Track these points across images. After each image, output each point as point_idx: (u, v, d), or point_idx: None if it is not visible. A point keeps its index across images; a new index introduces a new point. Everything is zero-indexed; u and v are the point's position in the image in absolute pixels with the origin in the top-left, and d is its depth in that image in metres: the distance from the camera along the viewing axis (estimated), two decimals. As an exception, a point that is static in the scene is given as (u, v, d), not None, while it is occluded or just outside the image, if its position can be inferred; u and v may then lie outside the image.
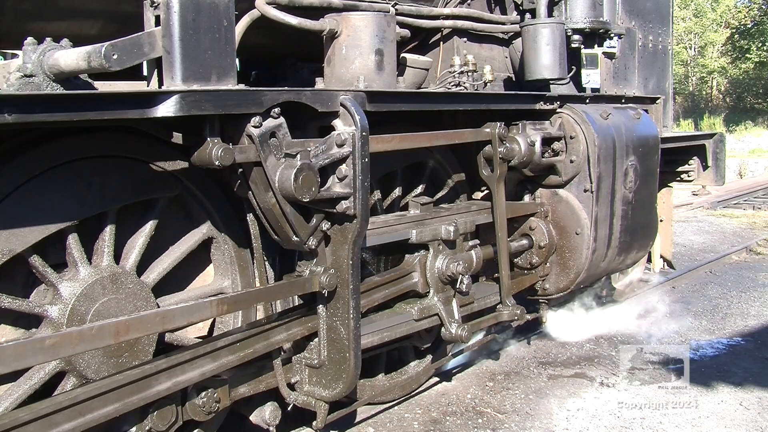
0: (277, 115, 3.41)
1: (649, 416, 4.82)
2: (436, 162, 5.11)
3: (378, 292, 4.30)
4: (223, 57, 3.18)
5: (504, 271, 5.03)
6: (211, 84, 3.14)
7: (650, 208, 5.92)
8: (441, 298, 4.60)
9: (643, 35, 6.43)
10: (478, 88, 5.01)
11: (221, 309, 3.07)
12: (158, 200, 3.55)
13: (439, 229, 4.58)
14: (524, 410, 4.92)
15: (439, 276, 4.59)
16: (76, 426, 2.81)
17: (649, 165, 5.76)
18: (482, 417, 4.80)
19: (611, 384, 5.36)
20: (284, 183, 3.32)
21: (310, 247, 3.49)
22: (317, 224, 3.55)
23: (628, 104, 5.86)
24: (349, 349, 3.69)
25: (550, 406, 4.98)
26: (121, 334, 2.74)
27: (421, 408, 4.94)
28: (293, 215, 3.41)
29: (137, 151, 3.45)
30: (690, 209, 14.34)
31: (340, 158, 3.52)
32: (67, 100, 2.65)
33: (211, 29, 3.13)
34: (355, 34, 4.15)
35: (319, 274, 3.55)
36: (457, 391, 5.24)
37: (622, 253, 5.65)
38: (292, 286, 3.52)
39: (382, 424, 4.70)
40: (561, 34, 5.25)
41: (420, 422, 4.72)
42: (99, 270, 3.26)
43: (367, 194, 3.58)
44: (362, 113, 3.56)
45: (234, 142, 3.39)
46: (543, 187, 5.40)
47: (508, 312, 5.09)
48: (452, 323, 4.62)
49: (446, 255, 4.60)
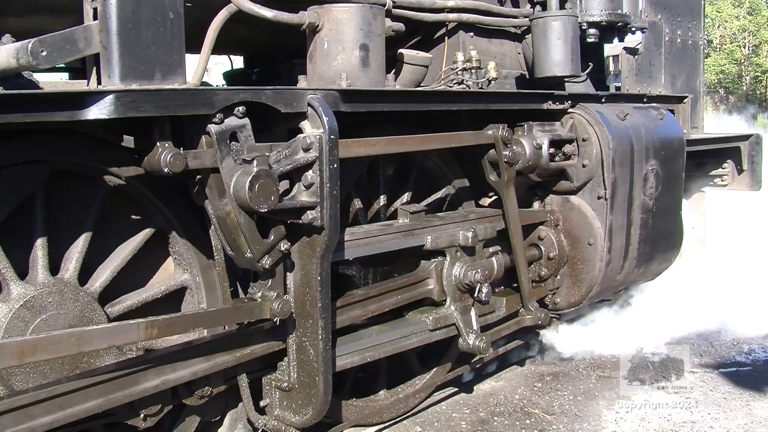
0: (241, 114, 3.11)
1: (700, 420, 4.71)
2: (436, 167, 4.75)
3: (389, 297, 4.05)
4: (168, 53, 2.89)
5: (523, 276, 4.73)
6: (155, 83, 2.85)
7: (674, 216, 5.47)
8: (458, 307, 4.34)
9: (670, 29, 5.97)
10: (482, 85, 4.64)
11: (150, 333, 2.77)
12: (93, 205, 3.26)
13: (456, 234, 4.30)
14: (572, 411, 4.86)
15: (456, 284, 4.31)
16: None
17: (672, 169, 5.32)
18: (530, 418, 4.76)
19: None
20: (239, 191, 3.01)
21: (264, 266, 3.16)
22: (275, 242, 3.21)
23: (650, 104, 5.42)
24: (318, 373, 3.37)
25: (599, 408, 4.91)
26: (26, 354, 2.49)
27: (469, 408, 4.91)
28: (248, 228, 3.09)
29: (86, 156, 3.17)
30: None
31: (305, 164, 3.20)
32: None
33: (154, 23, 2.84)
34: (337, 27, 3.83)
35: (270, 300, 3.21)
36: (506, 391, 5.21)
37: (642, 264, 5.22)
38: (238, 312, 3.19)
39: (430, 423, 4.68)
40: (574, 28, 4.85)
41: (468, 422, 4.69)
42: (34, 286, 2.99)
43: (336, 203, 3.25)
44: (331, 114, 3.24)
45: (193, 146, 3.11)
46: (554, 194, 5.01)
47: (531, 317, 4.83)
48: (470, 334, 4.35)
49: (464, 262, 4.32)
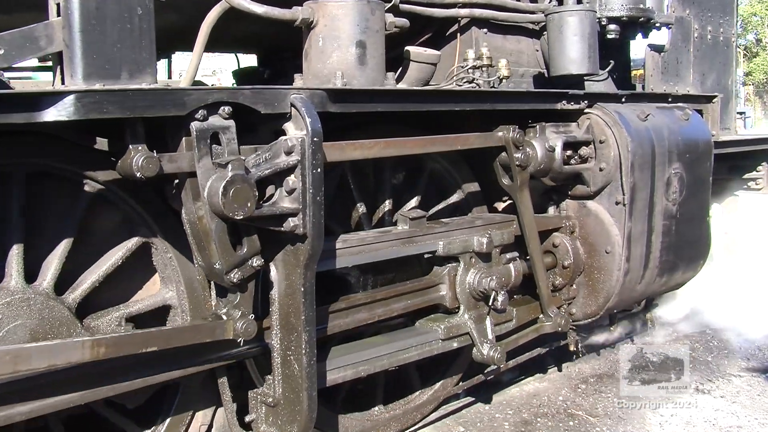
0: (226, 115, 2.94)
1: (746, 425, 4.65)
2: (444, 170, 4.53)
3: (397, 301, 3.89)
4: (137, 51, 2.73)
5: (542, 282, 4.51)
6: (121, 82, 2.69)
7: (700, 222, 5.17)
8: (473, 315, 4.15)
9: (699, 25, 5.64)
10: (493, 84, 4.41)
11: (96, 352, 2.60)
12: (76, 213, 3.12)
13: (470, 240, 4.11)
14: (616, 414, 4.82)
15: (470, 291, 4.12)
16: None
17: (698, 173, 5.02)
18: (573, 419, 4.74)
19: (707, 390, 5.20)
20: (212, 197, 2.84)
21: (232, 281, 2.96)
22: (247, 255, 3.01)
23: (676, 103, 5.12)
24: (302, 389, 3.18)
25: (643, 411, 4.86)
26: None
27: (512, 408, 4.91)
28: (219, 236, 2.90)
29: (61, 160, 3.02)
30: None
31: (286, 168, 3.00)
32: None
33: (120, 19, 2.67)
34: (332, 23, 3.63)
35: (234, 319, 3.00)
36: (549, 392, 5.19)
37: (665, 273, 4.93)
38: (197, 332, 2.98)
39: (473, 423, 4.67)
40: (592, 24, 4.59)
41: (511, 423, 4.69)
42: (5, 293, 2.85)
43: (320, 210, 3.05)
44: (315, 115, 3.04)
45: (174, 148, 2.96)
46: (570, 198, 4.75)
47: (551, 323, 4.60)
48: (484, 344, 4.16)
49: (479, 269, 4.13)
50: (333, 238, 3.57)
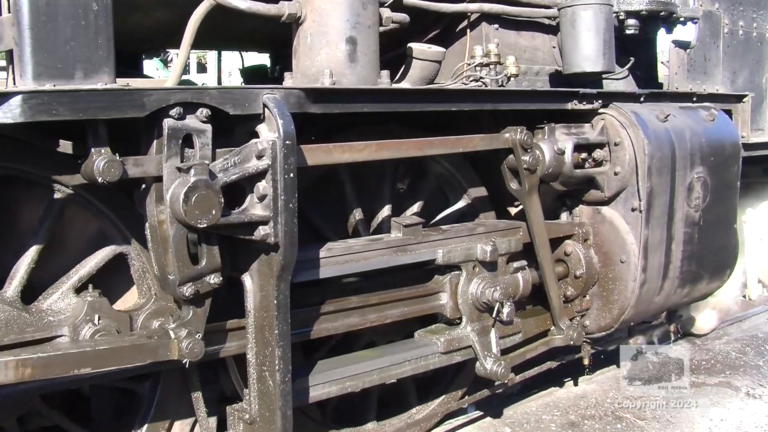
0: (205, 118, 2.77)
1: None
2: (448, 174, 4.30)
3: (392, 308, 3.69)
4: (92, 49, 2.56)
5: (553, 292, 4.28)
6: (75, 82, 2.53)
7: (726, 229, 4.84)
8: (476, 327, 3.93)
9: (730, 20, 5.30)
10: (501, 82, 4.17)
11: (21, 373, 2.43)
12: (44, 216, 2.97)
13: (473, 248, 3.89)
14: (665, 417, 4.74)
15: (473, 302, 3.90)
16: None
17: (724, 177, 4.70)
18: (621, 422, 4.67)
19: (758, 395, 5.10)
20: (174, 204, 2.66)
21: (184, 295, 2.77)
22: (204, 270, 2.79)
23: (701, 103, 4.81)
24: (276, 407, 3.00)
25: (692, 415, 4.79)
26: None
27: (559, 410, 4.86)
28: (177, 244, 2.70)
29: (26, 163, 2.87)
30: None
31: (255, 173, 2.82)
32: None
33: (73, 15, 2.51)
34: (320, 19, 3.44)
35: (180, 338, 2.78)
36: (597, 394, 5.12)
37: (687, 284, 4.63)
38: (137, 351, 2.76)
39: (519, 424, 4.63)
40: (607, 18, 4.31)
41: (557, 424, 4.64)
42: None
43: (293, 218, 2.85)
44: (288, 117, 2.84)
45: (145, 151, 2.80)
46: (584, 204, 4.48)
47: (563, 336, 4.36)
48: (488, 358, 3.93)
49: (482, 278, 3.91)
50: (317, 246, 3.37)
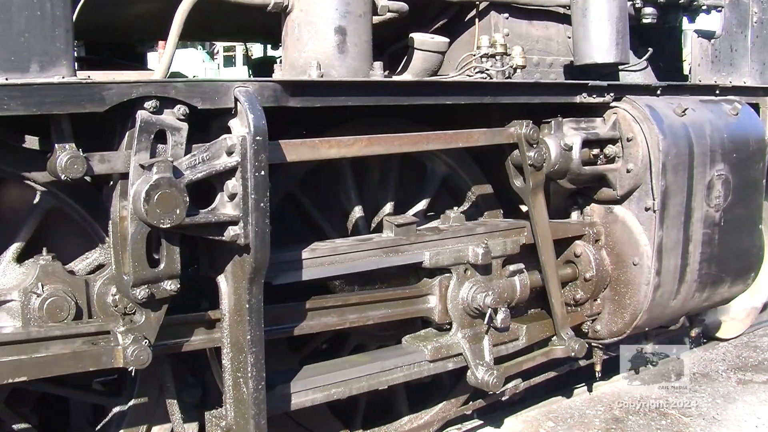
0: (182, 116, 2.64)
1: None
2: (450, 170, 4.10)
3: (374, 309, 3.48)
4: (49, 41, 2.43)
5: (555, 299, 4.04)
6: (30, 76, 2.40)
7: (750, 230, 4.57)
8: (467, 334, 3.72)
9: (760, 8, 4.99)
10: (507, 74, 3.96)
11: None
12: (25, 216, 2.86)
13: (464, 250, 3.68)
14: (710, 414, 4.70)
15: (464, 308, 3.69)
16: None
17: (748, 175, 4.43)
18: (666, 419, 4.62)
19: None
20: (135, 202, 2.52)
21: (136, 298, 2.61)
22: (161, 275, 2.63)
23: (725, 96, 4.54)
24: (249, 416, 2.85)
25: (739, 413, 4.72)
26: None
27: (603, 405, 4.83)
28: (135, 243, 2.54)
29: None
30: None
31: (224, 170, 2.66)
32: None
33: (28, 5, 2.39)
34: (308, 8, 3.28)
35: (125, 345, 2.62)
36: (641, 390, 5.07)
37: (706, 288, 4.37)
38: (78, 359, 2.60)
39: (563, 419, 4.62)
40: (621, 6, 4.08)
41: (601, 420, 4.62)
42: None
43: (264, 217, 2.69)
44: (259, 111, 2.68)
45: (116, 146, 2.67)
46: (595, 202, 4.25)
47: (564, 347, 4.10)
48: (479, 366, 3.72)
49: (474, 282, 3.70)
50: (300, 246, 3.21)
